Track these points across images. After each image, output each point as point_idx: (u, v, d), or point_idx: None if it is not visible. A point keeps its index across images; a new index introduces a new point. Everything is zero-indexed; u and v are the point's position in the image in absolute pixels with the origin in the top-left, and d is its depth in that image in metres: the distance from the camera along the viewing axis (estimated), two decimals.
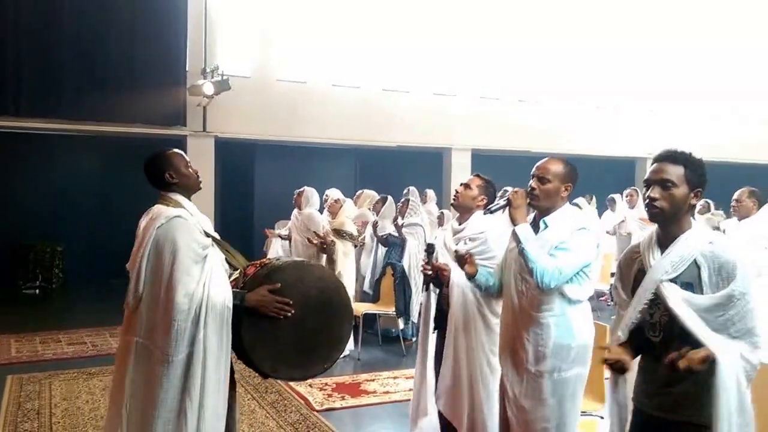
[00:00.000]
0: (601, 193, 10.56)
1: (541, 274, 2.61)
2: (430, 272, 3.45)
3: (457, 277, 3.42)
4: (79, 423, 4.62)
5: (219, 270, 2.56)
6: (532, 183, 2.82)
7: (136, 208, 10.01)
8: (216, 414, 2.43)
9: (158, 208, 2.62)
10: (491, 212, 3.00)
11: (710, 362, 1.94)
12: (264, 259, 2.89)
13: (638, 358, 2.25)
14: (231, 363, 2.61)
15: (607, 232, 9.20)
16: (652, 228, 2.24)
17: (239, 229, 11.72)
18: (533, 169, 2.85)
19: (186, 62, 10.20)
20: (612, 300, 9.30)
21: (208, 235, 2.62)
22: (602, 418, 3.34)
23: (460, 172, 11.63)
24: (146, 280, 2.46)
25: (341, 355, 2.97)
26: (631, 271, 2.26)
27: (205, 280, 2.46)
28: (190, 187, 2.73)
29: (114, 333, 7.45)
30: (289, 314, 2.52)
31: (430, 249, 3.58)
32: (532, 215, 2.91)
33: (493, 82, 12.86)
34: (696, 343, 1.98)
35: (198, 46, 10.29)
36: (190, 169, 2.74)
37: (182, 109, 10.10)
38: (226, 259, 2.72)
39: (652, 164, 2.18)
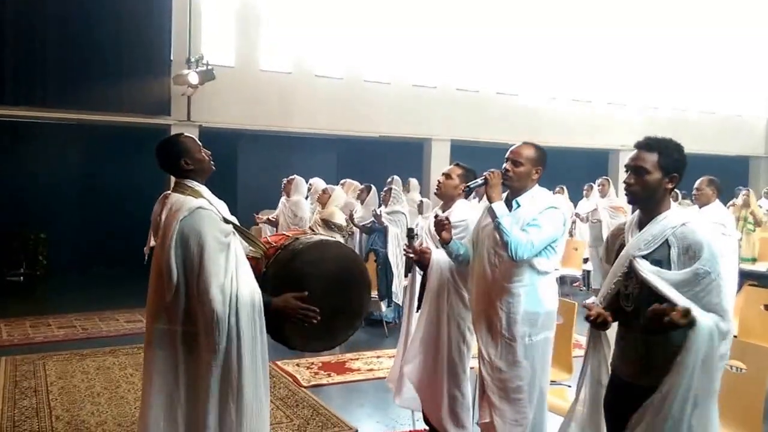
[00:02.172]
0: (575, 184, 10.90)
1: (515, 246, 2.89)
2: (412, 255, 3.72)
3: (437, 257, 3.72)
4: (77, 399, 4.82)
5: (243, 260, 2.60)
6: (506, 165, 3.11)
7: (121, 197, 10.09)
8: (256, 398, 2.51)
9: (177, 199, 2.58)
10: (470, 189, 3.29)
11: (689, 319, 2.09)
12: (281, 239, 2.96)
13: (616, 327, 2.48)
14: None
15: (581, 219, 9.53)
16: (623, 216, 2.51)
17: None
18: (507, 153, 3.15)
19: (171, 51, 10.29)
20: (585, 286, 9.69)
21: (227, 221, 2.63)
22: (570, 386, 3.65)
23: (440, 163, 11.89)
24: (179, 271, 2.49)
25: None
26: (615, 246, 2.49)
27: (233, 271, 2.49)
28: (204, 172, 2.70)
29: (103, 317, 7.64)
30: (314, 321, 2.56)
31: (410, 233, 3.85)
32: (505, 195, 3.17)
33: (471, 74, 13.12)
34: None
35: (182, 35, 10.37)
36: (203, 153, 2.71)
37: (167, 99, 10.18)
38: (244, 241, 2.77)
39: (633, 151, 2.39)
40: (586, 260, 9.37)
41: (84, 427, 4.29)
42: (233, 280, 2.48)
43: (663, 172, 2.29)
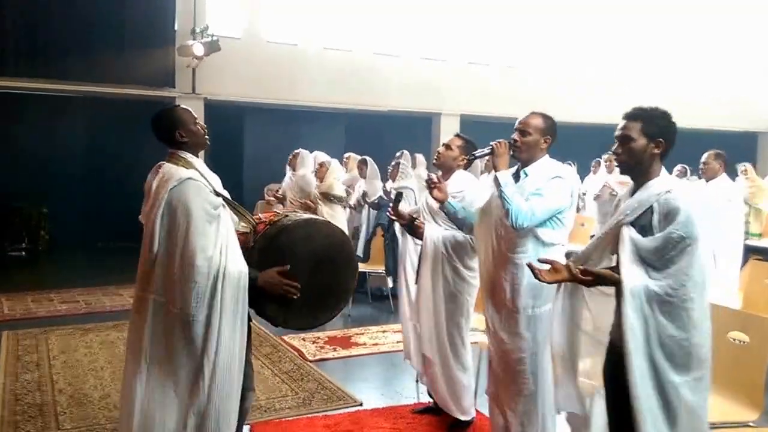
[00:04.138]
0: (584, 160, 10.74)
1: (515, 214, 2.84)
2: (394, 217, 3.79)
3: (430, 231, 3.71)
4: (80, 374, 4.75)
5: (232, 235, 2.61)
6: (515, 136, 3.05)
7: (124, 170, 9.96)
8: (229, 370, 2.51)
9: (169, 168, 2.60)
10: (475, 158, 3.22)
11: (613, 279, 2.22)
12: (272, 216, 2.93)
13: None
14: (249, 317, 2.70)
15: (594, 199, 9.41)
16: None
17: (229, 192, 11.76)
18: (516, 123, 3.08)
19: (175, 22, 10.13)
20: None
21: (218, 194, 2.63)
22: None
23: (449, 138, 11.73)
24: (161, 240, 2.50)
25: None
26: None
27: (221, 245, 2.50)
28: (198, 145, 2.72)
29: (106, 293, 7.56)
30: (295, 297, 2.61)
31: (398, 196, 3.84)
32: (515, 168, 3.12)
33: (482, 48, 12.92)
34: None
35: (187, 5, 10.20)
36: (198, 126, 2.72)
37: (171, 70, 10.06)
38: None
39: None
40: (593, 236, 9.24)
41: (87, 400, 4.23)
42: (221, 254, 2.49)
43: (647, 138, 2.33)
